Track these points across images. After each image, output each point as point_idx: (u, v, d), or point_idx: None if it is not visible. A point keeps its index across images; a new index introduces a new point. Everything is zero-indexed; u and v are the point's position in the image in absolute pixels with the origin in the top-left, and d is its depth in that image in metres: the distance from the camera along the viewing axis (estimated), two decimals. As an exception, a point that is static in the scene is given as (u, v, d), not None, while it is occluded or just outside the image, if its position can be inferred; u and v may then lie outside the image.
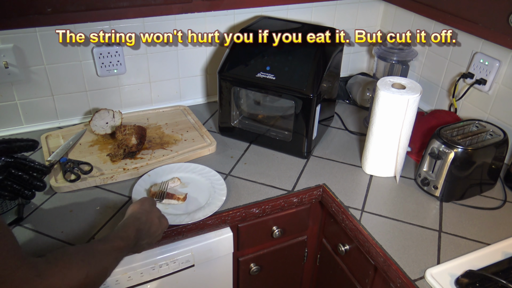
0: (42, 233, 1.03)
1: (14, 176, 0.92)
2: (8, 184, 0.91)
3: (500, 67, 1.30)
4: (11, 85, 1.33)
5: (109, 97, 1.49)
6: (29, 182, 0.94)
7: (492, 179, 1.22)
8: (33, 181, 0.94)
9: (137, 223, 0.87)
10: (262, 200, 1.17)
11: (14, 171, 0.91)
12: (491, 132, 1.19)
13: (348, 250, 1.23)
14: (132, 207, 0.93)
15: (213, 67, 1.60)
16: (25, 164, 0.92)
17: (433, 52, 1.54)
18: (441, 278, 0.93)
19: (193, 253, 1.13)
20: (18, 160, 0.92)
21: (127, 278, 1.05)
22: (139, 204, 0.94)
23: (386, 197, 1.20)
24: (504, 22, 1.00)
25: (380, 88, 1.17)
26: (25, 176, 0.93)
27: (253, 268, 1.31)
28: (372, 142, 1.24)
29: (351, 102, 1.69)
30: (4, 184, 0.90)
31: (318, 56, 1.25)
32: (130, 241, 0.83)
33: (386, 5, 1.72)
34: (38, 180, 0.95)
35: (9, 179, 0.91)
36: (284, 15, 1.59)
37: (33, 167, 0.93)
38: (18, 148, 0.90)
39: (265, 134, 1.38)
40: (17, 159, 0.91)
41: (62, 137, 1.36)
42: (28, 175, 0.94)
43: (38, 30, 1.28)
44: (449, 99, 1.50)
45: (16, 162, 0.91)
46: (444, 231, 1.08)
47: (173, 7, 1.22)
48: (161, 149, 1.33)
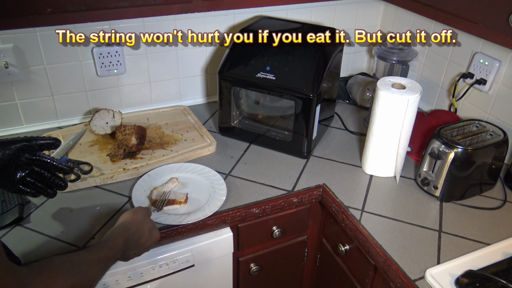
0: (42, 233, 1.03)
1: (37, 173, 0.92)
2: (31, 182, 0.91)
3: (500, 67, 1.29)
4: (11, 85, 1.33)
5: (109, 97, 1.49)
6: (51, 180, 0.94)
7: (492, 179, 1.22)
8: (55, 180, 0.95)
9: (126, 234, 0.87)
10: (262, 200, 1.17)
11: (36, 169, 0.92)
12: (491, 132, 1.19)
13: (348, 250, 1.23)
14: (124, 216, 0.93)
15: (213, 67, 1.60)
16: (48, 162, 0.92)
17: (433, 52, 1.54)
18: (441, 278, 0.93)
19: (193, 253, 1.13)
20: (41, 158, 0.92)
21: (127, 278, 1.05)
22: (131, 214, 0.93)
23: (386, 197, 1.20)
24: (504, 22, 1.00)
25: (380, 88, 1.17)
26: (47, 174, 0.93)
27: (253, 268, 1.31)
28: (372, 142, 1.24)
29: (351, 102, 1.69)
30: (26, 181, 0.91)
31: (318, 56, 1.25)
32: (118, 251, 0.83)
33: (386, 5, 1.72)
34: (60, 179, 0.96)
35: (31, 177, 0.92)
36: (284, 15, 1.59)
37: (55, 166, 0.93)
38: (38, 147, 0.90)
39: (265, 134, 1.38)
40: (40, 157, 0.91)
41: (62, 137, 1.36)
42: (51, 174, 0.94)
43: (38, 30, 1.28)
44: (449, 99, 1.50)
45: (39, 160, 0.91)
46: (444, 231, 1.08)
47: (173, 7, 1.22)
48: (161, 149, 1.33)
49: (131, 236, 0.88)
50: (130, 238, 0.87)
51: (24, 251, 0.98)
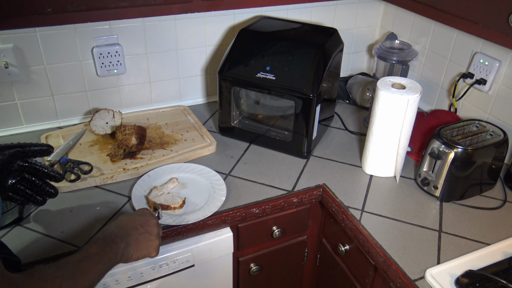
0: (42, 233, 1.03)
1: (27, 180, 0.91)
2: (21, 189, 0.91)
3: (500, 67, 1.29)
4: (11, 85, 1.33)
5: (109, 97, 1.49)
6: (42, 188, 0.93)
7: (492, 179, 1.22)
8: (45, 187, 0.94)
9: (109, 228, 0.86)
10: (262, 200, 1.17)
11: (27, 176, 0.91)
12: (491, 132, 1.19)
13: (348, 250, 1.23)
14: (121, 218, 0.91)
15: (213, 67, 1.60)
16: (39, 169, 0.92)
17: (433, 52, 1.54)
18: (441, 278, 0.93)
19: (193, 253, 1.13)
20: (33, 165, 0.91)
21: (127, 278, 1.05)
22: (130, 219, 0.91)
23: (386, 197, 1.20)
24: (504, 22, 1.00)
25: (380, 88, 1.17)
26: (38, 181, 0.92)
27: (253, 268, 1.31)
28: (372, 142, 1.24)
29: (351, 102, 1.69)
30: (16, 188, 0.90)
31: (318, 56, 1.25)
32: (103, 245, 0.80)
33: (386, 5, 1.72)
34: (50, 186, 0.95)
35: (22, 184, 0.91)
36: (284, 15, 1.59)
37: (46, 173, 0.93)
38: (31, 153, 0.89)
39: (265, 134, 1.38)
40: (32, 164, 0.91)
41: (62, 137, 1.36)
42: (41, 181, 0.93)
43: (38, 30, 1.28)
44: (449, 99, 1.50)
45: (30, 167, 0.91)
46: (444, 231, 1.08)
47: (173, 7, 1.22)
48: (161, 149, 1.33)
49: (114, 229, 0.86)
50: (113, 231, 0.85)
51: (24, 251, 0.98)
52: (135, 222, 0.90)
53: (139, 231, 0.89)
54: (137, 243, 0.87)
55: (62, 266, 0.73)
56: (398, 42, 1.51)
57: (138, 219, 0.91)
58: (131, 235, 0.87)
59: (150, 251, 0.90)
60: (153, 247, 0.90)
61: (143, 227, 0.90)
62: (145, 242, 0.89)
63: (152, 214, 0.96)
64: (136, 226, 0.89)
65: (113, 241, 0.82)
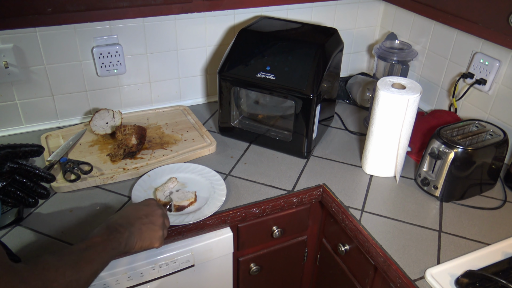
0: (42, 233, 1.03)
1: (18, 182, 0.91)
2: (12, 191, 0.90)
3: (500, 67, 1.29)
4: (11, 85, 1.33)
5: (109, 97, 1.49)
6: (33, 189, 0.93)
7: (492, 179, 1.22)
8: (37, 189, 0.93)
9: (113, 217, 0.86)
10: (262, 200, 1.17)
11: (18, 178, 0.90)
12: (491, 132, 1.19)
13: (348, 250, 1.23)
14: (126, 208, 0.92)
15: (213, 67, 1.60)
16: (30, 171, 0.91)
17: (433, 52, 1.54)
18: (441, 278, 0.93)
19: (193, 253, 1.13)
20: (23, 166, 0.90)
21: (127, 278, 1.05)
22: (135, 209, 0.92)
23: (386, 197, 1.20)
24: (504, 22, 1.00)
25: (380, 88, 1.17)
26: (29, 183, 0.92)
27: (253, 268, 1.31)
28: (372, 142, 1.24)
29: (351, 102, 1.69)
30: (7, 190, 0.90)
31: (318, 56, 1.25)
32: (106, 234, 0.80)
33: (386, 5, 1.72)
34: (42, 187, 0.94)
35: (13, 186, 0.90)
36: (284, 15, 1.59)
37: (38, 174, 0.92)
38: (22, 153, 0.89)
39: (265, 134, 1.38)
40: (22, 166, 0.90)
41: (62, 137, 1.36)
42: (33, 182, 0.93)
43: (38, 30, 1.28)
44: (449, 99, 1.50)
45: (21, 168, 0.90)
46: (444, 231, 1.08)
47: (173, 7, 1.22)
48: (161, 149, 1.33)
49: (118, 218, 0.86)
50: (117, 220, 0.85)
51: (24, 251, 0.98)
52: (139, 212, 0.90)
53: (142, 221, 0.89)
54: (140, 232, 0.87)
55: (66, 255, 0.73)
56: (398, 42, 1.51)
57: (143, 209, 0.92)
58: (135, 225, 0.87)
59: (153, 242, 0.90)
60: (156, 238, 0.90)
61: (147, 217, 0.90)
62: (148, 232, 0.89)
63: (158, 204, 0.96)
64: (140, 216, 0.90)
65: (117, 230, 0.83)
